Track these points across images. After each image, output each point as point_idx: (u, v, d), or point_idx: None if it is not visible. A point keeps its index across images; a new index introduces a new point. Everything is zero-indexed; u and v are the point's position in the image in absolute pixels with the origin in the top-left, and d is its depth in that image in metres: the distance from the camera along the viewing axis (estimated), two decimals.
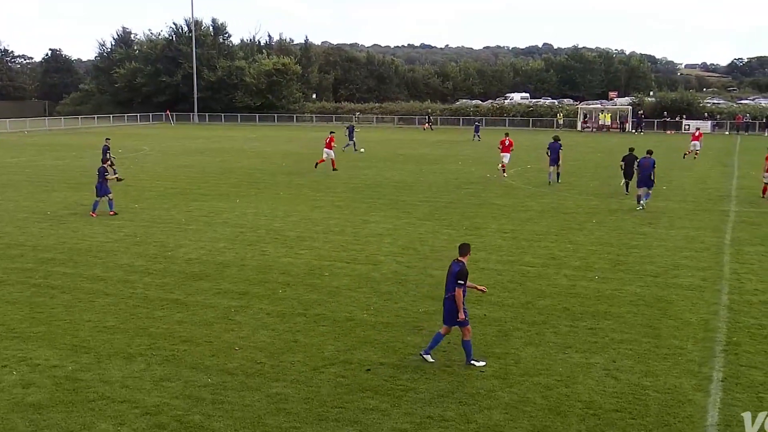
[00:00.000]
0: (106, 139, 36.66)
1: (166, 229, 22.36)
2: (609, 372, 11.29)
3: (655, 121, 77.38)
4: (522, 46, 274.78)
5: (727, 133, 74.53)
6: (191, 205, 26.73)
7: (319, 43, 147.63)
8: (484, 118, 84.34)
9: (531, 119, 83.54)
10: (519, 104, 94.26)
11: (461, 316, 11.38)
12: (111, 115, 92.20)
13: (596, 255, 18.91)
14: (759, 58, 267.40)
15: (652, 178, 25.97)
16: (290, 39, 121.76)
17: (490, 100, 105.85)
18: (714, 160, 45.14)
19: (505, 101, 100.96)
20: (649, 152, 26.77)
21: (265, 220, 23.89)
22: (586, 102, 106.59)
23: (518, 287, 15.97)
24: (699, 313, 14.12)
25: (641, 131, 73.48)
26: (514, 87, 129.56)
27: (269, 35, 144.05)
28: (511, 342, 12.59)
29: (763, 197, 28.50)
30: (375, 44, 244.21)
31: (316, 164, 38.69)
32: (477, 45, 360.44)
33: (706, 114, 79.62)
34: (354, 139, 50.01)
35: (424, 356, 11.75)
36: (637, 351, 12.14)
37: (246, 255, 18.98)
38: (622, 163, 29.67)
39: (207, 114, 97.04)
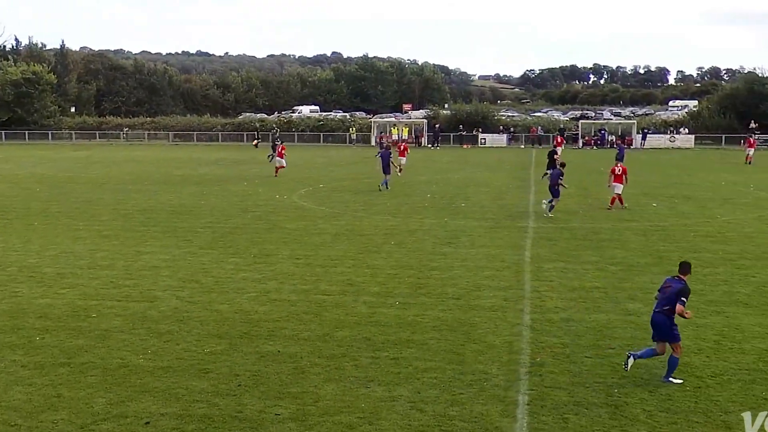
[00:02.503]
0: None
1: None
2: (414, 404, 11.64)
3: (452, 134, 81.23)
4: (309, 55, 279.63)
5: (522, 146, 79.79)
6: None
7: (78, 49, 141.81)
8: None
9: (322, 134, 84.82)
10: (308, 118, 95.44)
11: (688, 314, 12.41)
12: None
13: (396, 279, 19.48)
14: (550, 70, 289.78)
15: (556, 187, 29.98)
16: (42, 44, 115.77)
17: (276, 113, 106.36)
18: (510, 174, 48.11)
19: (294, 114, 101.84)
20: (562, 165, 31.73)
21: (16, 256, 22.42)
22: (379, 115, 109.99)
23: (314, 318, 16.09)
24: (502, 335, 14.92)
25: (437, 146, 76.89)
26: (302, 99, 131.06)
27: (16, 39, 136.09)
28: (309, 379, 12.65)
29: (610, 208, 31.18)
30: (144, 51, 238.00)
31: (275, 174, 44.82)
32: (260, 53, 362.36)
33: (501, 127, 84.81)
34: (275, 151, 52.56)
35: (629, 361, 12.64)
36: (442, 379, 12.61)
37: None
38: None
39: None
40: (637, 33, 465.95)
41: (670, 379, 12.45)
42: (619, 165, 32.15)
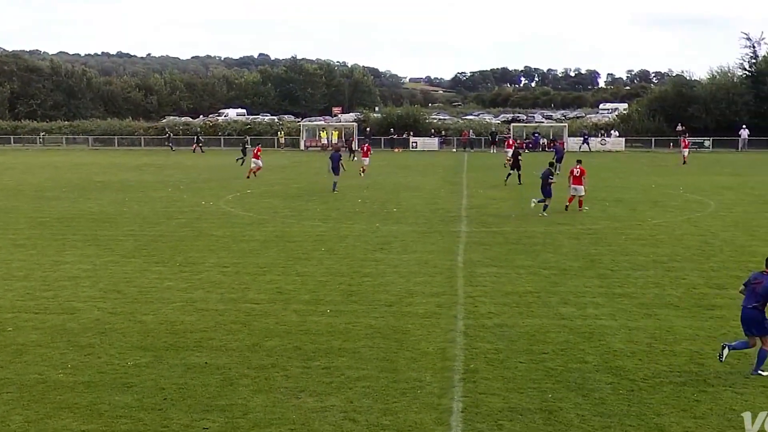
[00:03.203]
0: None
1: None
2: (346, 414, 11.63)
3: (382, 138, 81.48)
4: (235, 57, 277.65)
5: (454, 150, 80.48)
6: None
7: None
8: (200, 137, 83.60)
9: (249, 138, 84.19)
10: (235, 121, 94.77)
11: None
12: None
13: (327, 286, 19.45)
14: (481, 72, 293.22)
15: (548, 187, 31.46)
16: None
17: (201, 117, 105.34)
18: (442, 179, 48.48)
19: (220, 118, 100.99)
20: (551, 164, 33.44)
21: None
22: (308, 118, 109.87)
23: (243, 328, 15.96)
24: (436, 342, 15.01)
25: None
26: (228, 102, 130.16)
27: None
28: (238, 391, 12.53)
29: (579, 209, 32.35)
30: (61, 52, 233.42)
31: (248, 175, 46.82)
32: (184, 54, 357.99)
33: (432, 130, 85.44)
34: (246, 154, 57.33)
35: (760, 373, 13.01)
36: (375, 388, 12.63)
37: None
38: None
39: None
40: (567, 36, 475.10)
41: (759, 371, 13.03)
42: (578, 167, 32.97)
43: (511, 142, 63.57)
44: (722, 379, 12.96)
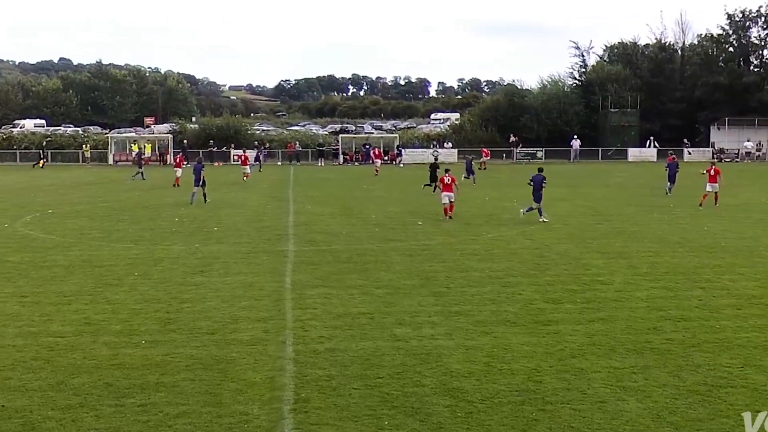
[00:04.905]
0: None
1: None
2: None
3: (201, 151, 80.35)
4: (32, 62, 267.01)
5: (279, 163, 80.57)
6: None
7: None
8: None
9: (50, 152, 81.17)
10: (33, 134, 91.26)
11: None
12: None
13: (142, 315, 18.95)
14: (306, 80, 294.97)
15: (540, 192, 35.11)
16: None
17: None
18: (267, 194, 48.35)
19: (15, 130, 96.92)
20: (540, 170, 36.42)
21: None
22: (117, 129, 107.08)
23: (45, 365, 15.29)
24: (263, 371, 14.90)
25: (186, 163, 75.68)
26: (24, 112, 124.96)
27: None
28: None
29: (449, 218, 35.25)
30: None
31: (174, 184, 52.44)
32: None
33: (256, 142, 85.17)
34: (142, 168, 61.45)
35: None
36: (197, 424, 12.38)
37: None
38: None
39: None
40: (396, 43, 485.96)
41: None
42: (448, 175, 36.12)
43: (377, 152, 66.80)
44: (560, 396, 13.51)
